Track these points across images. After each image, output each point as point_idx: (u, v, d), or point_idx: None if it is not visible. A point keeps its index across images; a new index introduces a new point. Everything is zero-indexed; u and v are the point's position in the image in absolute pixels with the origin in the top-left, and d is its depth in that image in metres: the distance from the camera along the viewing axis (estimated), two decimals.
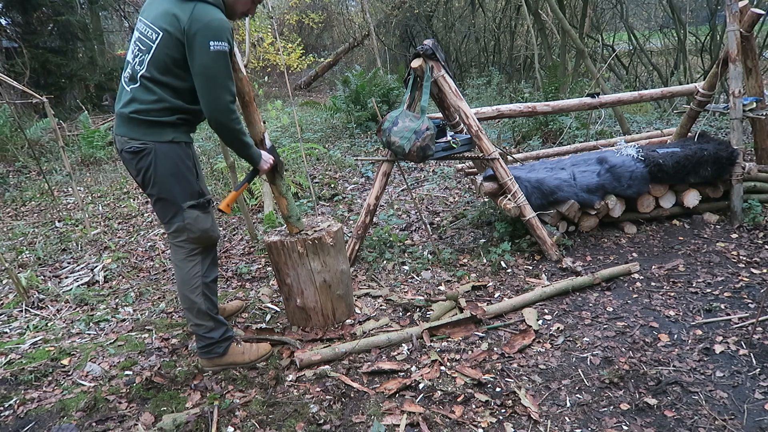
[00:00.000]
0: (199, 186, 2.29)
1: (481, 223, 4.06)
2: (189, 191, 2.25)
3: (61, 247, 4.37)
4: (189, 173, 2.25)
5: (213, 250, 2.40)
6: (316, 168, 6.21)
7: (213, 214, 2.39)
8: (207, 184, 2.98)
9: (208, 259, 2.37)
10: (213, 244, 2.38)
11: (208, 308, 2.35)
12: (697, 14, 12.70)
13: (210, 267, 2.38)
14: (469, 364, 2.38)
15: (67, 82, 11.14)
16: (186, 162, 2.25)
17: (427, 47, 3.31)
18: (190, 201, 2.25)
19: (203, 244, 2.33)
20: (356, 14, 16.63)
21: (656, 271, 3.16)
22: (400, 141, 3.17)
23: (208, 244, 2.35)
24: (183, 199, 2.24)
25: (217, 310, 2.40)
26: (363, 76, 8.49)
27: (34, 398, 2.34)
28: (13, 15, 10.82)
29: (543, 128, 6.33)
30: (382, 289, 3.15)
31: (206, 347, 2.39)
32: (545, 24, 9.42)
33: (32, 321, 3.14)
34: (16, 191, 6.36)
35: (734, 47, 3.65)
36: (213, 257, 2.40)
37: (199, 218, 2.27)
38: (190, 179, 2.26)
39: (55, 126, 4.93)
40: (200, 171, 2.35)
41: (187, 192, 2.24)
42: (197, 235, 2.28)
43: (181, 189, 2.23)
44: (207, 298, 2.35)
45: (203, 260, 2.34)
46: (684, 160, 3.63)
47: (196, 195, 2.27)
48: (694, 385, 2.15)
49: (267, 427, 2.08)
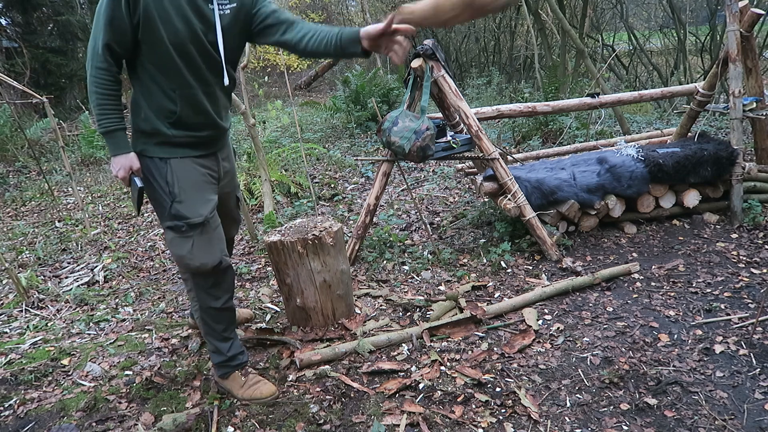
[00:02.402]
0: (177, 209, 1.96)
1: (481, 223, 4.06)
2: (162, 212, 2.00)
3: (61, 247, 4.37)
4: (161, 194, 1.97)
5: (209, 279, 2.07)
6: (316, 168, 6.21)
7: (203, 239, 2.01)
8: None
9: (205, 287, 2.08)
10: (200, 273, 2.04)
11: (206, 332, 2.19)
12: (697, 14, 12.70)
13: (208, 295, 2.10)
14: (469, 364, 2.38)
15: (67, 82, 11.14)
16: (158, 180, 1.97)
17: (427, 47, 3.31)
18: (167, 221, 1.99)
19: (185, 271, 2.07)
20: (356, 14, 16.62)
21: (656, 271, 3.16)
22: (400, 141, 3.17)
23: (192, 272, 2.04)
24: (161, 217, 2.02)
25: (221, 336, 2.20)
26: (363, 76, 8.49)
27: (34, 398, 2.34)
28: (13, 15, 10.82)
29: (543, 128, 6.33)
30: (382, 289, 3.15)
31: (213, 363, 2.30)
32: (545, 24, 9.42)
33: (32, 321, 3.14)
34: (16, 191, 6.36)
35: (734, 47, 3.65)
36: (215, 284, 2.09)
37: (174, 242, 1.99)
38: (162, 201, 1.98)
39: (55, 126, 4.93)
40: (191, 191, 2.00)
41: (162, 212, 2.00)
42: (175, 259, 2.04)
43: (155, 207, 2.02)
44: (205, 323, 2.16)
45: (197, 286, 2.08)
46: (684, 160, 3.63)
47: (171, 217, 1.97)
48: (694, 385, 2.15)
49: (267, 427, 2.08)
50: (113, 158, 1.91)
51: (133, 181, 1.93)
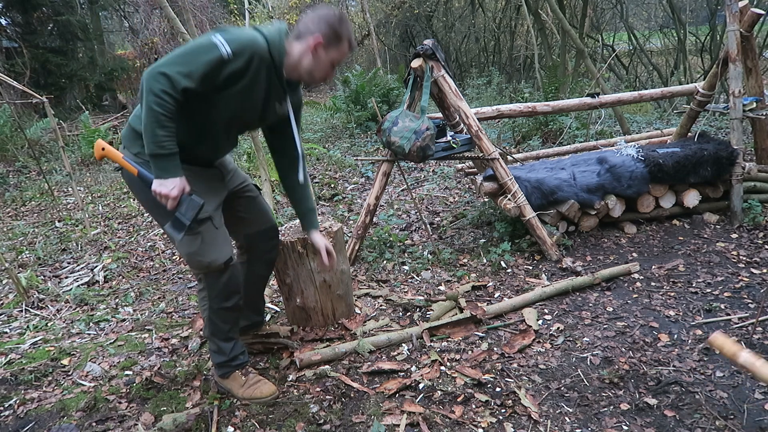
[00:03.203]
0: None
1: (481, 223, 4.06)
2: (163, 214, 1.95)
3: (61, 247, 4.37)
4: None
5: (222, 276, 2.06)
6: (316, 168, 6.21)
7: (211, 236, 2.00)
8: None
9: (218, 286, 2.08)
10: (213, 270, 2.04)
11: (212, 332, 2.19)
12: (697, 14, 12.71)
13: (220, 294, 2.09)
14: (469, 364, 2.38)
15: (67, 82, 11.15)
16: None
17: (427, 47, 3.31)
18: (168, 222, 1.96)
19: (197, 269, 2.06)
20: (356, 14, 16.61)
21: (656, 271, 3.16)
22: (400, 141, 3.17)
23: (205, 271, 2.04)
24: (162, 219, 1.97)
25: (226, 335, 2.20)
26: (363, 76, 8.49)
27: (34, 398, 2.34)
28: (13, 15, 10.84)
29: (543, 128, 6.33)
30: (382, 289, 3.15)
31: (214, 362, 2.30)
32: (545, 24, 9.42)
33: (32, 321, 3.14)
34: (16, 191, 6.36)
35: (734, 47, 3.65)
36: (228, 283, 2.09)
37: (183, 241, 1.96)
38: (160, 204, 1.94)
39: (55, 126, 4.93)
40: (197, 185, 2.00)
41: (162, 214, 1.95)
42: (185, 259, 2.04)
43: (154, 210, 2.00)
44: (213, 323, 2.16)
45: (210, 286, 2.08)
46: (684, 160, 3.63)
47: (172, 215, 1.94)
48: (694, 385, 2.15)
49: (267, 427, 2.08)
50: (168, 179, 1.84)
51: (192, 200, 1.89)
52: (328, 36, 1.93)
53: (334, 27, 1.93)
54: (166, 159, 1.82)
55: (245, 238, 2.37)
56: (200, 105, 1.89)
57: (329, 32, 1.93)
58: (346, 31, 1.96)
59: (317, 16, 1.95)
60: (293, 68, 1.98)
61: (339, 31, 1.94)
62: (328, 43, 1.94)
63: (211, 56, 1.77)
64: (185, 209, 1.90)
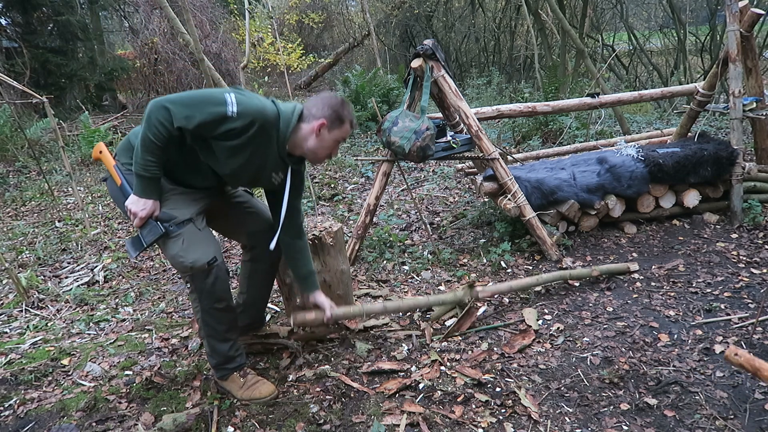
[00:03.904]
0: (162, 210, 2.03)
1: (481, 223, 4.06)
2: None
3: (61, 247, 4.37)
4: None
5: (209, 277, 2.06)
6: (316, 168, 6.21)
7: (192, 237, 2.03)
8: None
9: (205, 287, 2.08)
10: (197, 272, 2.04)
11: (207, 334, 2.19)
12: (697, 14, 12.71)
13: (210, 296, 2.10)
14: (469, 364, 2.38)
15: (67, 82, 11.14)
16: None
17: (427, 47, 3.31)
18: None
19: (181, 271, 2.08)
20: (356, 14, 16.62)
21: (656, 271, 3.16)
22: (400, 141, 3.17)
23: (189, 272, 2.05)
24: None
25: (223, 336, 2.20)
26: (363, 76, 8.50)
27: (34, 398, 2.34)
28: (13, 15, 10.83)
29: (543, 128, 6.33)
30: (382, 289, 3.15)
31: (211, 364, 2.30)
32: (545, 24, 9.43)
33: (32, 321, 3.14)
34: (16, 191, 6.36)
35: (734, 47, 3.65)
36: (215, 284, 2.09)
37: (165, 244, 2.02)
38: None
39: (55, 126, 4.93)
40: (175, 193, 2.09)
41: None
42: (171, 263, 2.07)
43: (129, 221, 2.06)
44: (207, 324, 2.16)
45: (198, 288, 2.10)
46: (684, 160, 3.63)
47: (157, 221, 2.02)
48: (694, 385, 2.15)
49: (267, 427, 2.08)
50: (140, 199, 1.98)
51: (155, 225, 2.00)
52: (332, 118, 2.08)
53: (336, 110, 2.08)
54: (147, 181, 1.97)
55: (247, 237, 2.41)
56: (195, 142, 2.00)
57: (332, 115, 2.08)
58: (348, 114, 2.12)
59: (321, 101, 2.10)
60: (298, 145, 2.11)
61: (341, 114, 2.09)
62: (332, 124, 2.09)
63: (217, 110, 1.89)
64: (146, 232, 2.02)
